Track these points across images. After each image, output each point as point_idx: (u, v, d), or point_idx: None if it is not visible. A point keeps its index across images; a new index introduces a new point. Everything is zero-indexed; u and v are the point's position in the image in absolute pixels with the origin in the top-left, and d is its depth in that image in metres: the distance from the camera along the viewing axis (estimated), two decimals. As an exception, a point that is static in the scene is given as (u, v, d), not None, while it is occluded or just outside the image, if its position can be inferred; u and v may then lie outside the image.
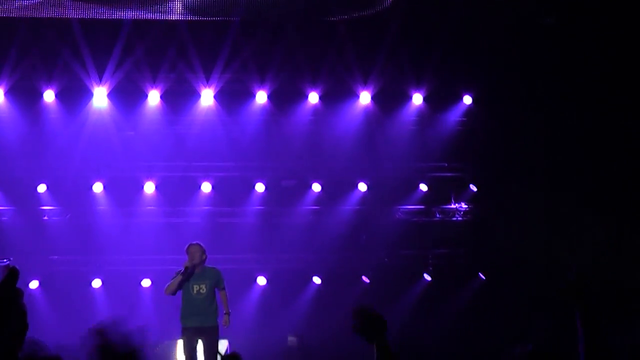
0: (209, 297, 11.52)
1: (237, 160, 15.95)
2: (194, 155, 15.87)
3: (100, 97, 15.26)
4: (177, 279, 11.42)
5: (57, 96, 15.32)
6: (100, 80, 15.09)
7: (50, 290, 16.15)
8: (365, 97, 15.63)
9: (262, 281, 16.27)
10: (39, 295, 16.26)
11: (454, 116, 15.95)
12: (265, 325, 15.56)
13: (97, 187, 15.99)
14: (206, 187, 16.08)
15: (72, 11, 14.21)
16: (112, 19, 14.37)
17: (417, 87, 15.63)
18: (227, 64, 15.02)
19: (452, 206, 16.18)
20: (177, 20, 14.57)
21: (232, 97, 15.51)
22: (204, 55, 15.05)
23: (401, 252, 16.02)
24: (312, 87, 15.55)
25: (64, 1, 14.05)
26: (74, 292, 16.09)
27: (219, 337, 11.60)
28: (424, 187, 16.19)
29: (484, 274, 15.91)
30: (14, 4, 14.00)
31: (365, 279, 16.20)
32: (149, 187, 16.03)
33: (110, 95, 15.29)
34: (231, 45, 14.80)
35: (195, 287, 11.48)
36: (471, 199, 16.16)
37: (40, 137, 15.61)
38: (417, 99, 15.74)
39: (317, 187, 16.16)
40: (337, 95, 15.62)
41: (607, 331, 5.14)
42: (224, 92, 15.39)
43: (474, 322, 15.10)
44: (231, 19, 14.40)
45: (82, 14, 14.28)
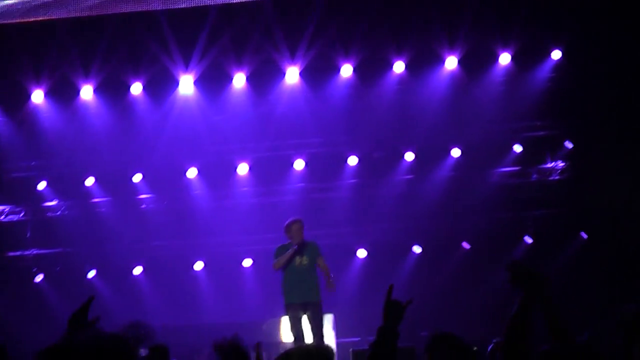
0: (311, 269, 11.62)
1: (326, 135, 15.90)
2: (283, 134, 15.84)
3: (186, 85, 15.29)
4: (287, 254, 11.49)
5: (144, 88, 15.40)
6: (186, 68, 15.11)
7: (153, 275, 16.50)
8: (451, 62, 15.31)
9: (362, 254, 16.34)
10: (144, 280, 16.63)
11: (544, 72, 15.54)
12: (368, 298, 15.62)
13: (191, 173, 16.13)
14: (299, 165, 16.10)
15: (156, 3, 14.19)
16: (196, 6, 14.32)
17: (504, 47, 15.22)
18: (311, 40, 14.87)
19: (549, 165, 15.91)
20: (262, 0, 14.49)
21: (318, 73, 15.35)
22: (288, 34, 14.91)
23: (500, 215, 15.83)
24: (398, 56, 15.29)
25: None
26: (177, 275, 16.41)
27: (322, 313, 11.71)
28: (518, 148, 15.89)
29: (585, 233, 15.71)
30: (98, 2, 14.00)
31: (465, 245, 16.15)
32: (242, 169, 16.12)
33: (196, 82, 15.31)
34: (315, 21, 14.64)
35: (297, 260, 11.57)
36: (567, 156, 15.84)
37: (130, 129, 15.75)
38: (505, 59, 15.34)
39: (410, 156, 16.02)
40: (423, 62, 15.34)
41: None
42: (309, 69, 15.25)
43: (578, 281, 14.94)
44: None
45: (166, 5, 14.25)
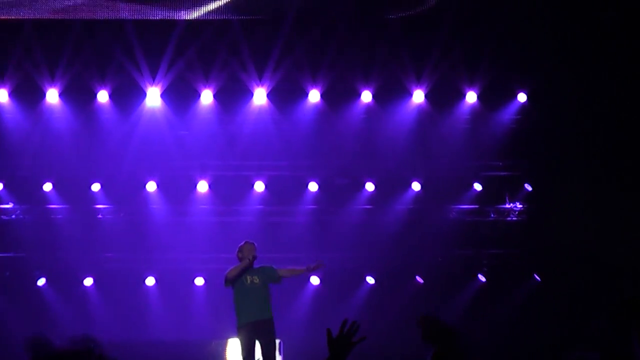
0: (263, 289, 11.58)
1: (290, 159, 15.92)
2: (247, 154, 15.86)
3: (153, 97, 15.35)
4: (242, 264, 11.49)
5: (110, 96, 15.41)
6: (153, 80, 15.18)
7: (104, 287, 16.30)
8: (418, 96, 15.46)
9: (315, 280, 16.23)
10: (93, 292, 16.42)
11: (509, 114, 15.68)
12: (318, 325, 15.44)
13: (151, 186, 16.08)
14: (259, 186, 16.07)
15: (125, 12, 14.31)
16: (165, 19, 14.45)
17: (470, 85, 15.40)
18: (279, 62, 14.98)
19: (507, 206, 15.94)
20: (229, 19, 14.60)
21: (285, 96, 15.44)
22: (256, 54, 15.02)
23: (455, 252, 15.81)
24: (365, 86, 15.42)
25: (117, 3, 14.16)
26: (128, 289, 16.22)
27: (275, 333, 11.60)
28: (478, 187, 15.97)
29: (539, 275, 15.64)
30: (68, 5, 14.12)
31: (419, 279, 16.05)
32: (202, 186, 16.08)
33: (163, 95, 15.37)
34: (283, 43, 14.76)
35: (248, 278, 11.55)
36: (526, 198, 15.88)
37: (94, 137, 15.73)
38: (471, 97, 15.49)
39: (370, 186, 16.05)
40: (390, 93, 15.47)
41: None
42: (276, 91, 15.34)
43: (529, 324, 14.84)
44: (284, 16, 14.39)
45: (135, 15, 14.38)
